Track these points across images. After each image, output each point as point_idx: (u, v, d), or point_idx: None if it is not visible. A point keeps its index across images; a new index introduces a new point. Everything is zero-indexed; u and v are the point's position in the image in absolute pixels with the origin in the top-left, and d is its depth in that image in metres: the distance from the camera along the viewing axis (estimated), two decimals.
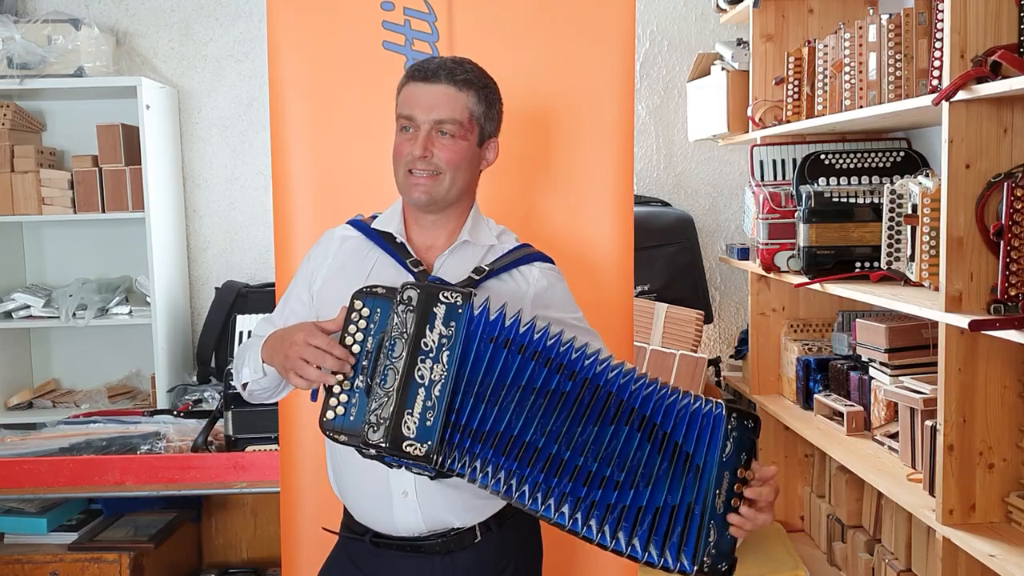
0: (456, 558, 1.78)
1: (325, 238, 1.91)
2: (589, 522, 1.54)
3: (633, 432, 1.56)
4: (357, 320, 1.60)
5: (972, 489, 2.33)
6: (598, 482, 1.54)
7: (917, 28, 2.55)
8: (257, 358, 1.75)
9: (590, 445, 1.55)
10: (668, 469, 1.56)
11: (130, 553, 2.92)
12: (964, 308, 2.25)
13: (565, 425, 1.55)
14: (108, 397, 3.96)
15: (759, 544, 3.45)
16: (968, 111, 2.21)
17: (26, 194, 3.83)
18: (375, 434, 1.52)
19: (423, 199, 1.78)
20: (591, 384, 1.57)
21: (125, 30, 4.12)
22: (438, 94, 1.75)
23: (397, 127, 1.80)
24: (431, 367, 1.54)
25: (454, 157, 1.77)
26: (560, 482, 1.54)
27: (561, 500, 1.54)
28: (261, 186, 4.12)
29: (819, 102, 3.08)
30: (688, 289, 3.76)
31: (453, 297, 1.57)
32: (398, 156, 1.79)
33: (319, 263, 1.87)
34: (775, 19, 3.53)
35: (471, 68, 1.81)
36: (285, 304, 1.90)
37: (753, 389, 3.71)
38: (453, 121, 1.76)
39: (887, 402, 2.89)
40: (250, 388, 1.82)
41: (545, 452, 1.54)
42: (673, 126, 4.16)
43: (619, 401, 1.57)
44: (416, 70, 1.79)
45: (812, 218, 3.00)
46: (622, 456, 1.55)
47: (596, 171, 2.43)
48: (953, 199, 2.24)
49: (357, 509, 1.83)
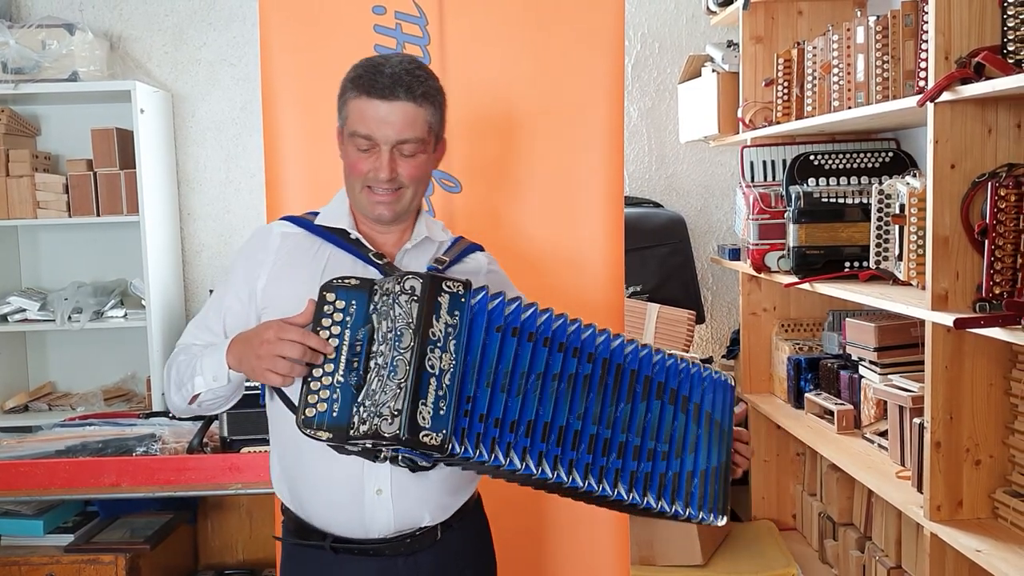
0: (419, 559, 1.77)
1: (260, 234, 1.84)
2: (646, 495, 1.61)
3: (666, 405, 1.65)
4: (332, 313, 1.56)
5: (959, 486, 2.35)
6: (645, 455, 1.62)
7: (904, 30, 2.58)
8: (217, 365, 1.67)
9: (628, 421, 1.61)
10: (704, 435, 1.67)
11: (126, 555, 2.93)
12: (950, 306, 2.27)
13: (598, 406, 1.59)
14: (104, 400, 3.97)
15: (752, 542, 3.47)
16: (953, 112, 2.24)
17: (21, 198, 3.85)
18: (390, 426, 1.49)
19: (388, 216, 1.75)
20: (611, 364, 1.62)
21: (119, 34, 4.14)
22: (397, 113, 1.68)
23: (349, 143, 1.73)
24: (440, 356, 1.53)
25: (417, 172, 1.74)
26: (609, 459, 1.59)
27: (616, 477, 1.59)
28: (255, 189, 4.14)
29: (808, 103, 3.10)
30: (680, 289, 3.78)
31: (455, 287, 1.57)
32: (355, 172, 1.73)
33: (259, 260, 1.79)
34: (764, 21, 3.56)
35: (424, 75, 1.73)
36: (221, 303, 1.81)
37: (745, 388, 3.73)
38: (416, 140, 1.71)
39: (877, 400, 2.91)
40: (202, 399, 1.72)
41: (586, 434, 1.58)
42: (664, 128, 4.18)
43: (644, 377, 1.64)
44: (368, 84, 1.69)
45: (802, 218, 3.03)
46: (661, 428, 1.64)
47: (586, 173, 2.45)
48: (938, 199, 2.27)
49: (318, 513, 1.77)
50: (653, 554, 3.24)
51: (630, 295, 3.65)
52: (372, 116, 1.69)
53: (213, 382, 1.68)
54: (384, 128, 1.69)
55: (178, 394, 1.75)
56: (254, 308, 1.77)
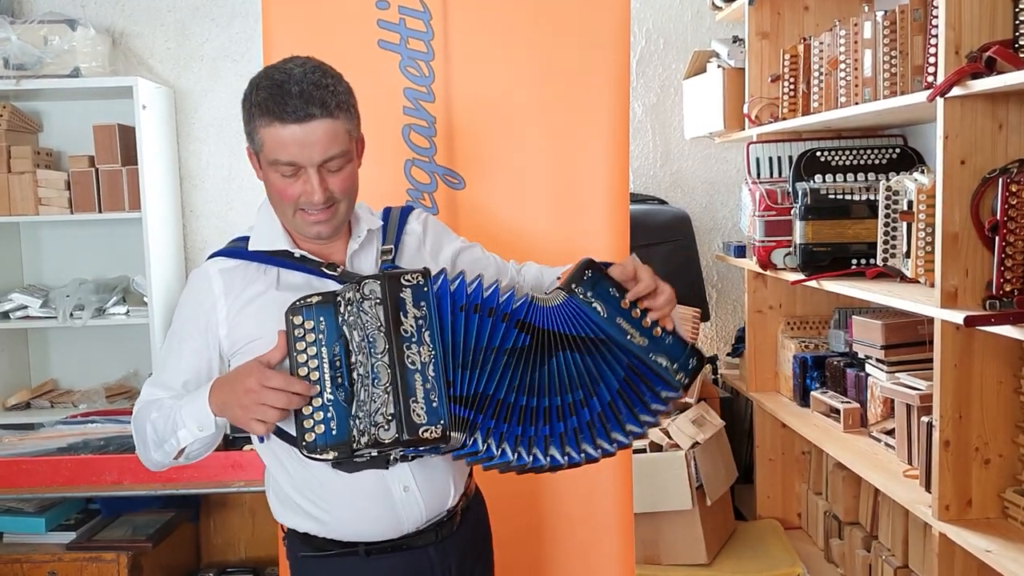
0: (447, 545, 1.78)
1: (197, 280, 1.74)
2: (581, 448, 1.60)
3: (565, 352, 1.61)
4: (303, 336, 1.55)
5: (968, 485, 2.33)
6: (569, 411, 1.60)
7: (912, 24, 2.55)
8: (201, 413, 1.59)
9: (546, 384, 1.60)
10: (599, 360, 1.62)
11: (128, 553, 2.92)
12: (960, 304, 2.25)
13: (528, 375, 1.59)
14: (106, 397, 3.96)
15: (757, 541, 3.46)
16: (963, 107, 2.21)
17: (23, 195, 3.83)
18: (387, 432, 1.49)
19: (327, 232, 1.67)
20: (537, 331, 1.60)
21: (121, 30, 4.12)
22: (317, 132, 1.58)
23: (269, 169, 1.64)
24: (418, 350, 1.53)
25: (347, 183, 1.66)
26: (537, 428, 1.58)
27: (546, 444, 1.59)
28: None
29: (815, 99, 3.08)
30: (685, 287, 3.76)
31: (415, 278, 1.56)
32: (285, 199, 1.64)
33: (208, 307, 1.70)
34: (771, 16, 3.54)
35: (332, 84, 1.61)
36: (178, 361, 1.71)
37: (750, 387, 3.71)
38: (340, 154, 1.62)
39: (883, 399, 2.89)
40: (188, 450, 1.65)
41: (517, 407, 1.58)
42: (670, 124, 4.16)
43: (552, 335, 1.61)
44: (279, 109, 1.57)
45: (808, 215, 3.01)
46: (572, 378, 1.61)
47: (591, 169, 2.43)
48: (948, 195, 2.24)
49: (349, 528, 1.72)
50: (658, 553, 3.23)
51: None
52: (291, 142, 1.58)
53: (199, 432, 1.61)
54: (306, 151, 1.59)
55: (159, 451, 1.67)
56: (217, 358, 1.71)
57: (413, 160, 2.40)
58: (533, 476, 1.69)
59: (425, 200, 2.41)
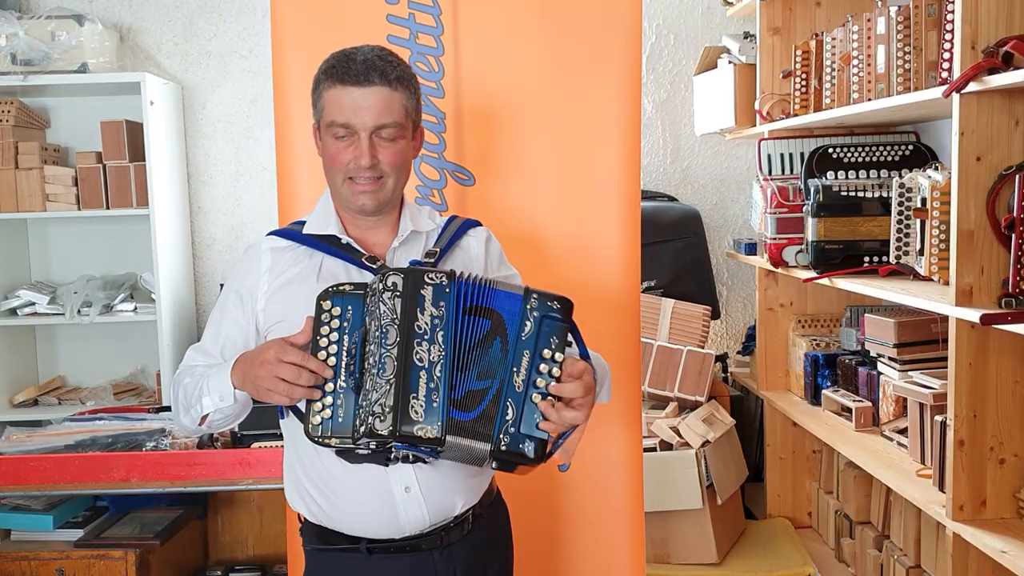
0: (453, 551, 1.76)
1: (250, 254, 1.82)
2: (454, 436, 1.56)
3: (497, 337, 1.59)
4: (329, 321, 1.57)
5: (983, 485, 2.31)
6: (476, 396, 1.57)
7: (926, 20, 2.53)
8: (223, 384, 1.66)
9: (480, 365, 1.58)
10: (500, 358, 1.59)
11: (136, 550, 2.91)
12: (975, 302, 2.23)
13: (483, 361, 1.58)
14: (113, 394, 3.96)
15: (767, 541, 3.44)
16: (979, 103, 2.19)
17: (30, 191, 3.83)
18: (382, 423, 1.49)
19: (371, 205, 1.73)
20: (494, 315, 1.60)
21: (129, 26, 4.11)
22: (374, 97, 1.67)
23: (327, 133, 1.72)
24: (428, 349, 1.53)
25: (397, 159, 1.72)
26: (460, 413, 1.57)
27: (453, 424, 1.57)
28: (266, 182, 4.11)
29: (827, 95, 3.06)
30: (695, 284, 3.74)
31: (438, 278, 1.57)
32: (336, 164, 1.71)
33: (252, 281, 1.77)
34: (782, 12, 3.51)
35: (396, 61, 1.72)
36: (217, 330, 1.79)
37: (761, 385, 3.69)
38: (394, 124, 1.69)
39: (896, 397, 2.87)
40: (211, 419, 1.71)
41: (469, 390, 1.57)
42: (680, 120, 4.14)
43: (493, 312, 1.60)
44: (342, 72, 1.68)
45: (820, 212, 2.98)
46: (489, 363, 1.58)
47: (602, 166, 2.41)
48: (963, 192, 2.22)
49: (350, 520, 1.74)
50: (668, 552, 3.21)
51: (644, 290, 3.60)
52: (348, 103, 1.68)
53: (220, 402, 1.67)
54: (361, 114, 1.68)
55: (187, 416, 1.74)
56: (254, 331, 1.77)
57: (422, 156, 2.38)
58: (543, 474, 1.67)
59: (434, 196, 2.40)
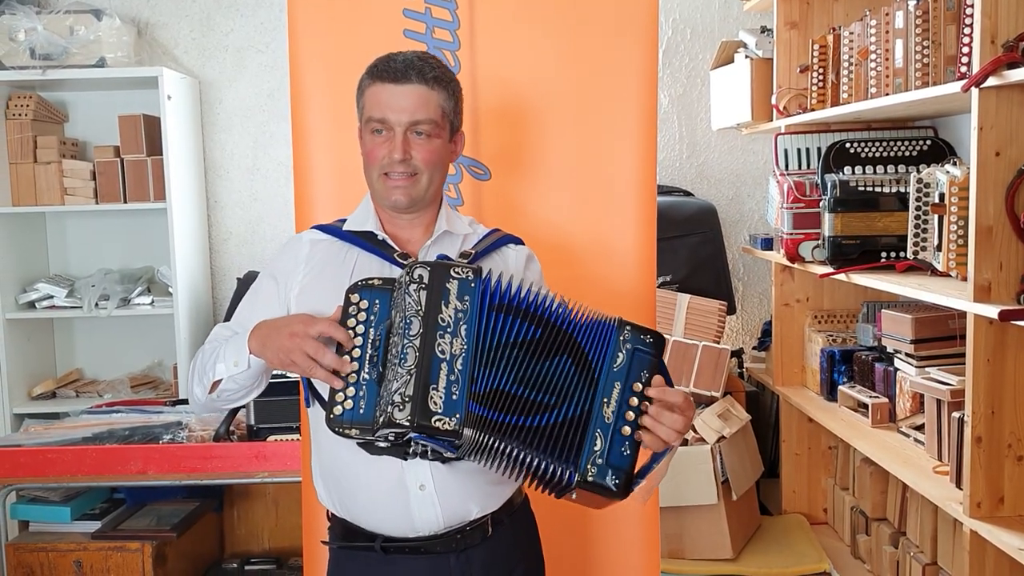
0: (471, 555, 1.76)
1: (291, 244, 1.87)
2: (517, 447, 1.56)
3: (567, 357, 1.60)
4: (356, 313, 1.59)
5: (1000, 482, 2.29)
6: (537, 408, 1.57)
7: (945, 14, 2.51)
8: (239, 350, 1.68)
9: (540, 378, 1.58)
10: (578, 383, 1.59)
11: (153, 542, 2.93)
12: (993, 298, 2.21)
13: (532, 368, 1.58)
14: (131, 387, 3.98)
15: (782, 536, 3.43)
16: (999, 97, 2.17)
17: (49, 185, 3.85)
18: (401, 413, 1.49)
19: (403, 201, 1.76)
20: (552, 327, 1.60)
21: (146, 21, 4.12)
22: (410, 95, 1.73)
23: (366, 130, 1.77)
24: (450, 341, 1.54)
25: (431, 156, 1.76)
26: (514, 418, 1.56)
27: (513, 434, 1.56)
28: (282, 176, 4.12)
29: (844, 90, 3.04)
30: (711, 280, 3.72)
31: (464, 272, 1.58)
32: (372, 159, 1.76)
33: (290, 269, 1.82)
34: (799, 6, 3.49)
35: (436, 64, 1.78)
36: (251, 311, 1.81)
37: (777, 381, 3.68)
38: (429, 121, 1.74)
39: (913, 393, 2.85)
40: (223, 387, 1.73)
41: (514, 396, 1.57)
42: (696, 115, 4.12)
43: (565, 335, 1.60)
44: (382, 70, 1.75)
45: (837, 207, 2.97)
46: (556, 380, 1.58)
47: (618, 161, 2.40)
48: (982, 187, 2.21)
49: (365, 515, 1.76)
50: (682, 547, 3.21)
51: (659, 285, 3.59)
52: (385, 100, 1.73)
53: (234, 367, 1.69)
54: (397, 111, 1.73)
55: (199, 385, 1.76)
56: (285, 315, 1.77)
57: None
58: None
59: (450, 191, 2.40)
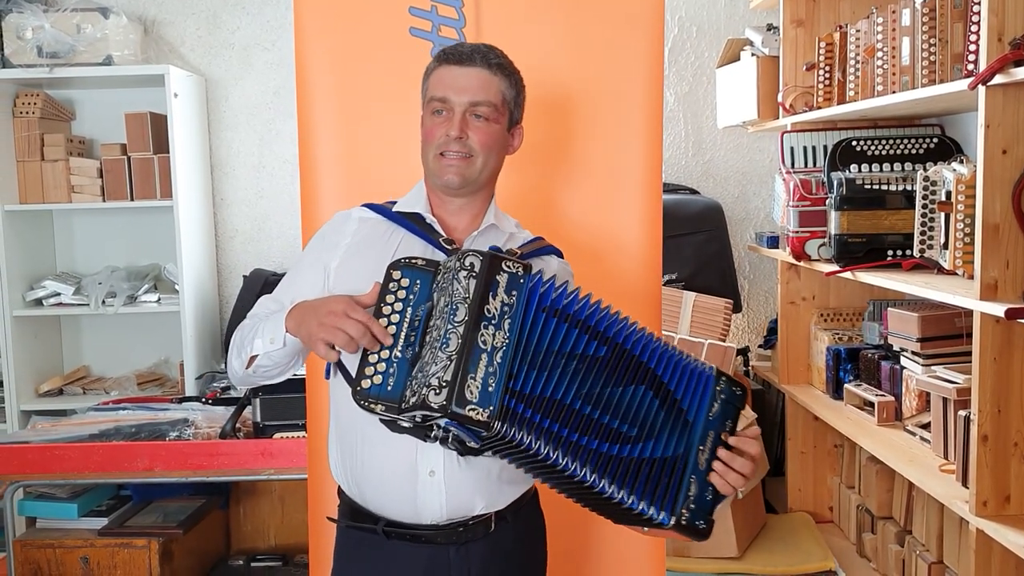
0: (470, 549, 1.77)
1: (339, 219, 1.90)
2: (603, 478, 1.56)
3: (646, 389, 1.60)
4: (396, 290, 1.60)
5: (1007, 480, 2.29)
6: (615, 436, 1.58)
7: (952, 11, 2.50)
8: (275, 328, 1.71)
9: (614, 404, 1.58)
10: (667, 423, 1.61)
11: (159, 539, 2.94)
12: (1000, 296, 2.21)
13: (597, 387, 1.58)
14: (137, 384, 3.99)
15: (788, 534, 3.43)
16: (1005, 95, 2.17)
17: (56, 182, 3.86)
18: (437, 397, 1.49)
19: (456, 181, 1.78)
20: (620, 348, 1.60)
21: (153, 19, 4.13)
22: (473, 77, 1.77)
23: (427, 111, 1.81)
24: (493, 333, 1.54)
25: (487, 140, 1.78)
26: (586, 440, 1.56)
27: (586, 457, 1.56)
28: (288, 174, 4.13)
29: (851, 88, 3.04)
30: (717, 278, 3.72)
31: (515, 267, 1.59)
32: (430, 139, 1.79)
33: (334, 242, 1.84)
34: (806, 4, 3.49)
35: (502, 54, 1.83)
36: (292, 284, 1.86)
37: (782, 379, 3.67)
38: (488, 103, 1.78)
39: (919, 392, 2.85)
40: (258, 363, 1.76)
41: (580, 414, 1.56)
42: (702, 113, 4.12)
43: (638, 362, 1.61)
44: (449, 54, 1.81)
45: (843, 205, 2.96)
46: (634, 411, 1.59)
47: (624, 158, 2.40)
48: (989, 185, 2.20)
49: (373, 494, 1.78)
50: (688, 545, 3.21)
51: (665, 283, 3.59)
52: (448, 80, 1.78)
53: (270, 344, 1.72)
54: (458, 91, 1.77)
55: (238, 359, 1.79)
56: (325, 288, 1.81)
57: None
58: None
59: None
